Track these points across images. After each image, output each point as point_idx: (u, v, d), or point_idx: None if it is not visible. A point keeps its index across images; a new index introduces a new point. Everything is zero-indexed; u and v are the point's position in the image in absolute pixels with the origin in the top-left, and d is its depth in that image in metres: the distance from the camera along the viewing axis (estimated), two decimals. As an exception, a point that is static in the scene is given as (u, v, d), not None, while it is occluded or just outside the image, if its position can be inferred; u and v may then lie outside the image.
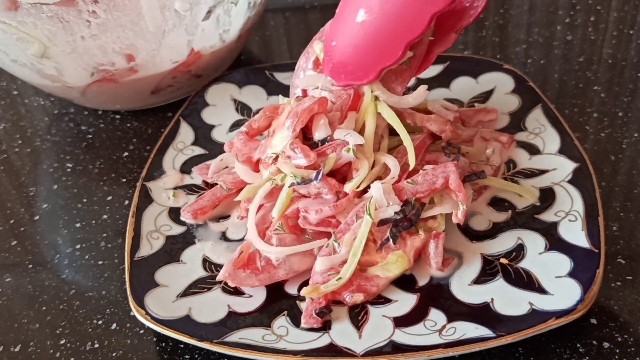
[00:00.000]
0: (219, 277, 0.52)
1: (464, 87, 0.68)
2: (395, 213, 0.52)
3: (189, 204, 0.60)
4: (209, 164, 0.63)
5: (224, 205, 0.60)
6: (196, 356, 0.51)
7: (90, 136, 0.74)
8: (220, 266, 0.55)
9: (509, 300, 0.49)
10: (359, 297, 0.50)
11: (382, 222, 0.52)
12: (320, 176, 0.53)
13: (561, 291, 0.49)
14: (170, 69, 0.70)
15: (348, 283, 0.51)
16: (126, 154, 0.71)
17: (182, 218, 0.59)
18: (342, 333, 0.49)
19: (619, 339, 0.49)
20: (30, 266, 0.60)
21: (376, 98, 0.56)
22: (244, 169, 0.59)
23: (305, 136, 0.57)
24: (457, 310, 0.49)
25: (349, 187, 0.53)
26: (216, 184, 0.60)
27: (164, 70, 0.70)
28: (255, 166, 0.59)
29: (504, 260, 0.53)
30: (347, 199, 0.53)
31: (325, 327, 0.50)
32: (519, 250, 0.53)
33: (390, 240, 0.52)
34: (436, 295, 0.51)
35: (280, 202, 0.54)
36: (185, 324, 0.50)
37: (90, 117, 0.77)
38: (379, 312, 0.50)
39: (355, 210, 0.52)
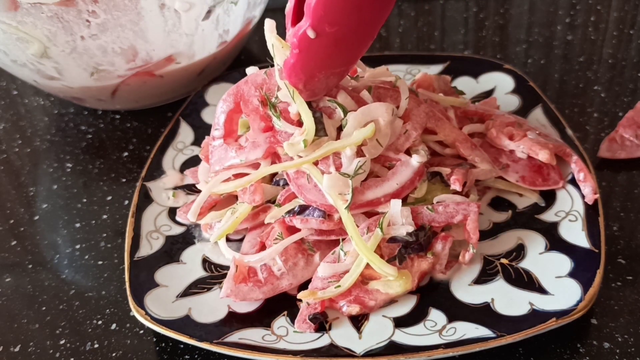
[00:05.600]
0: (222, 295, 0.51)
1: (464, 87, 0.67)
2: (408, 234, 0.51)
3: (185, 205, 0.60)
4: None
5: (221, 206, 0.60)
6: (196, 356, 0.50)
7: (90, 136, 0.74)
8: (221, 266, 0.55)
9: (509, 300, 0.49)
10: (354, 309, 0.50)
11: (393, 240, 0.51)
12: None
13: (561, 291, 0.49)
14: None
15: (347, 292, 0.50)
16: (126, 154, 0.71)
17: (177, 218, 0.59)
18: (342, 333, 0.49)
19: (619, 339, 0.49)
20: (30, 266, 0.60)
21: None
22: (205, 168, 0.60)
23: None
24: (457, 311, 0.49)
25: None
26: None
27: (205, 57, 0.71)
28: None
29: (504, 261, 0.53)
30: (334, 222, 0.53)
31: (325, 327, 0.50)
32: (519, 251, 0.53)
33: (397, 259, 0.51)
34: (436, 295, 0.51)
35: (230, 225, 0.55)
36: (185, 324, 0.50)
37: (90, 117, 0.77)
38: (379, 312, 0.50)
39: (367, 222, 0.52)
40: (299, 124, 0.53)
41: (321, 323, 0.49)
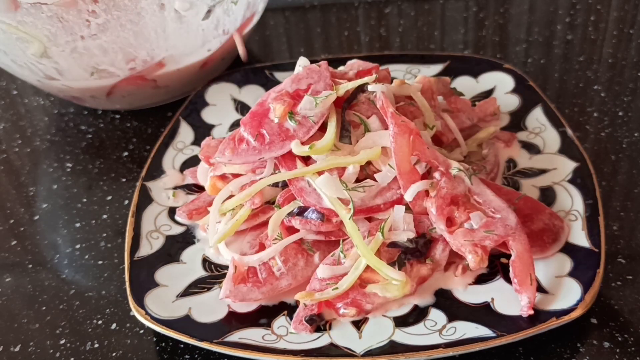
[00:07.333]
0: (221, 296, 0.51)
1: (464, 86, 0.67)
2: (408, 240, 0.51)
3: (185, 205, 0.60)
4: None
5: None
6: (196, 356, 0.51)
7: (90, 136, 0.74)
8: (221, 266, 0.55)
9: (509, 300, 0.49)
10: (351, 312, 0.50)
11: (393, 245, 0.51)
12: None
13: (561, 291, 0.49)
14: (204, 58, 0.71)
15: (344, 295, 0.50)
16: (126, 153, 0.71)
17: (177, 218, 0.59)
18: (342, 333, 0.49)
19: (619, 339, 0.49)
20: (30, 266, 0.60)
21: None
22: (205, 168, 0.60)
23: None
24: (457, 310, 0.49)
25: None
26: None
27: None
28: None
29: (504, 260, 0.53)
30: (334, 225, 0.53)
31: (326, 327, 0.50)
32: (519, 250, 0.53)
33: (397, 264, 0.51)
34: (436, 295, 0.51)
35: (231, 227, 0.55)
36: (185, 324, 0.50)
37: (90, 117, 0.77)
38: (379, 312, 0.50)
39: (369, 226, 0.52)
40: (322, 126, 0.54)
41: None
